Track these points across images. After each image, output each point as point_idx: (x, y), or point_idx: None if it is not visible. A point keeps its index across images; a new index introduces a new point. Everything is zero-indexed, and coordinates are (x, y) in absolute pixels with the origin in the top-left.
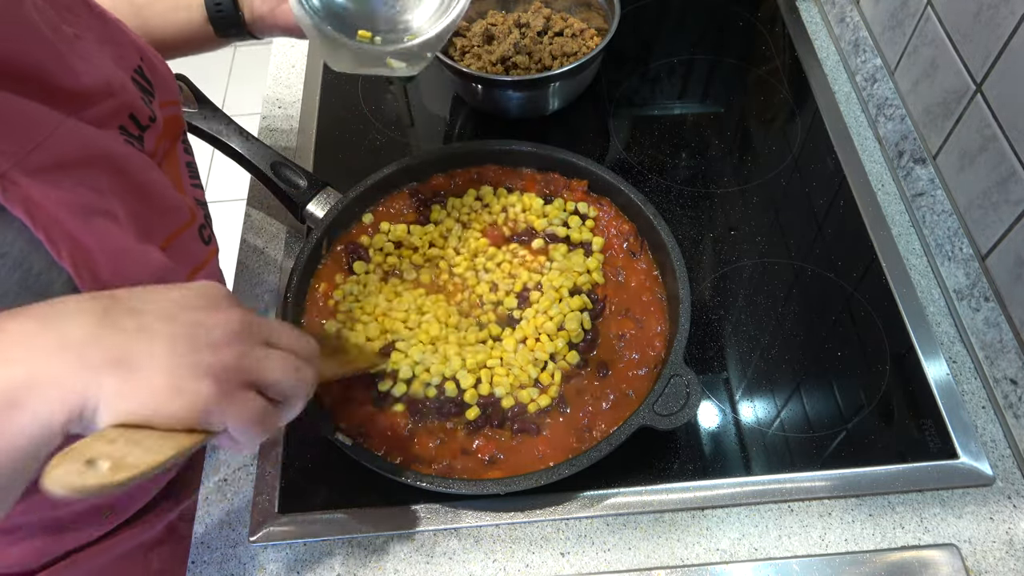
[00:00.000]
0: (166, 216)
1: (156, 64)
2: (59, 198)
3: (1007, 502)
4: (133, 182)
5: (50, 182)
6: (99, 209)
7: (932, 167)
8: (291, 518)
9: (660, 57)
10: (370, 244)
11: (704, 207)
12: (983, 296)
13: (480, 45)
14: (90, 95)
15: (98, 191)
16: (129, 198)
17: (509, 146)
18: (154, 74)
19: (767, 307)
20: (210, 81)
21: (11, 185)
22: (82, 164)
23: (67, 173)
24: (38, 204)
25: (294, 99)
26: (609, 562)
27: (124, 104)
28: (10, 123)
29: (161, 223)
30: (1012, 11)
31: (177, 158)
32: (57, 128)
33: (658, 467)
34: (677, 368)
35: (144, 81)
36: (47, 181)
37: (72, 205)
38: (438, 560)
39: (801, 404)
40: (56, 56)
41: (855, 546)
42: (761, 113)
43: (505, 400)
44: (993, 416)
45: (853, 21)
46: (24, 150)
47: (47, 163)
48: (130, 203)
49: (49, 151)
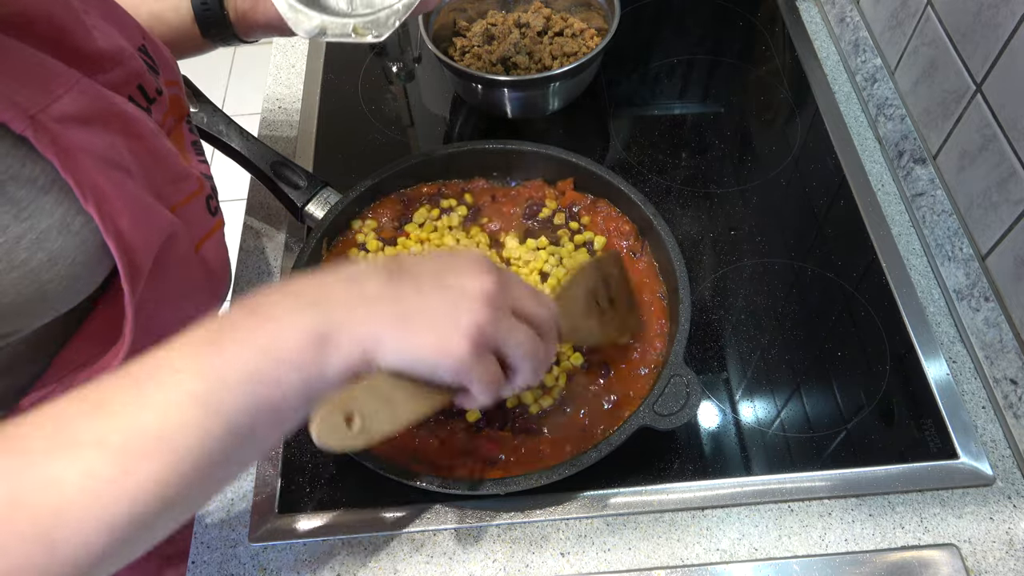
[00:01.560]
0: (176, 182)
1: (157, 46)
2: (82, 146)
3: (1007, 502)
4: (146, 146)
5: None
6: (116, 163)
7: (932, 167)
8: (291, 518)
9: (660, 57)
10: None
11: (704, 207)
12: (983, 296)
13: (480, 45)
14: (103, 60)
15: (115, 148)
16: (143, 159)
17: (507, 146)
18: (157, 54)
19: (767, 307)
20: (210, 81)
21: (41, 127)
22: (100, 121)
23: (87, 127)
24: (65, 148)
25: (294, 99)
26: (609, 562)
27: (133, 73)
28: (34, 74)
29: (171, 188)
30: (1012, 11)
31: (183, 136)
32: (76, 83)
33: (658, 467)
34: (677, 368)
35: (148, 58)
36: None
37: (94, 155)
38: (438, 560)
39: (801, 404)
40: (74, 18)
41: (855, 546)
42: (761, 113)
43: (508, 400)
44: (993, 416)
45: (853, 21)
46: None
47: (68, 114)
48: (144, 164)
49: (69, 104)
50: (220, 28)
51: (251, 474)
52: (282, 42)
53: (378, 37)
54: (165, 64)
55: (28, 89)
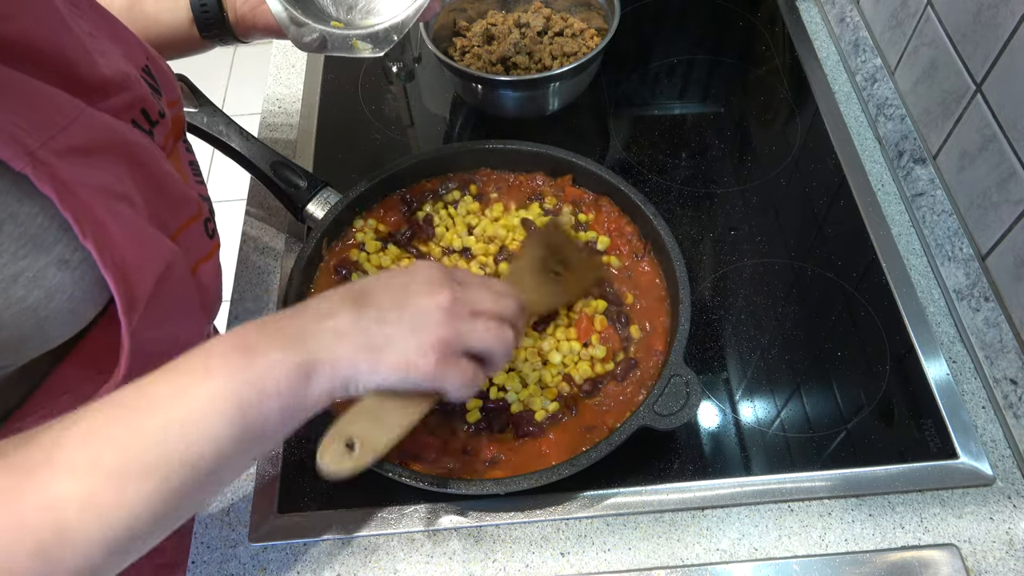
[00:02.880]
0: (177, 208)
1: (160, 65)
2: (83, 180)
3: (1007, 502)
4: (148, 173)
5: (74, 164)
6: (119, 194)
7: (932, 167)
8: (291, 518)
9: (660, 57)
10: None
11: (704, 207)
12: (983, 296)
13: (480, 45)
14: (107, 87)
15: (117, 178)
16: (144, 188)
17: (507, 146)
18: (160, 74)
19: (767, 307)
20: (210, 81)
21: (40, 164)
22: (102, 151)
23: (89, 158)
24: (65, 183)
25: (294, 99)
26: (609, 562)
27: (137, 98)
28: (37, 106)
29: (172, 214)
30: (1012, 11)
31: (180, 156)
32: (80, 115)
33: (658, 467)
34: (677, 368)
35: (151, 79)
36: (72, 163)
37: (95, 188)
38: (438, 560)
39: (801, 404)
40: (78, 46)
41: (855, 546)
42: (761, 113)
43: (514, 406)
44: (993, 416)
45: (853, 21)
46: (50, 133)
47: (71, 147)
48: (145, 192)
49: (72, 136)
50: (219, 30)
51: (251, 474)
52: (282, 42)
53: (377, 52)
54: (167, 84)
55: (30, 123)
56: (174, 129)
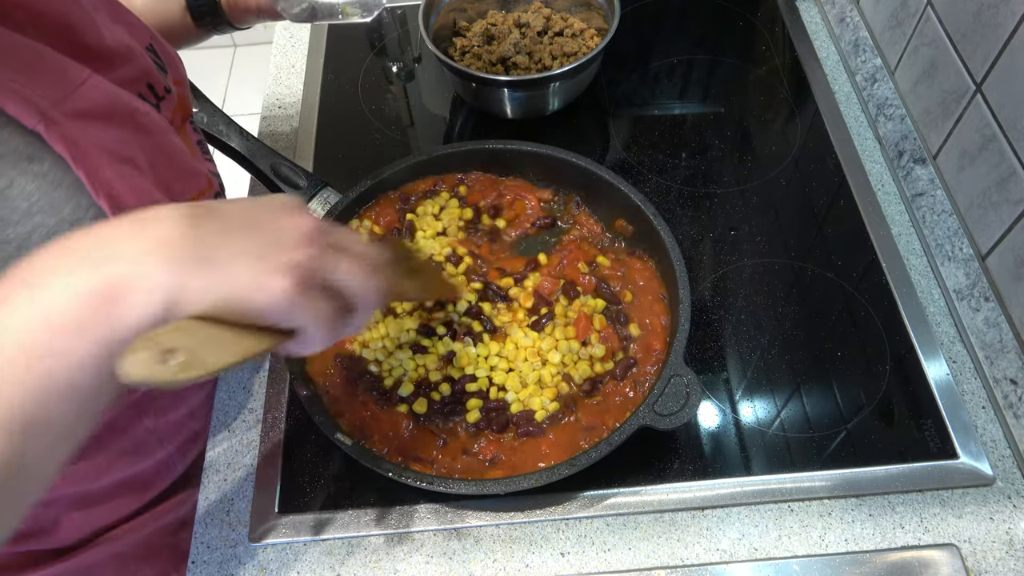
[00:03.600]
0: (186, 180)
1: (165, 46)
2: (93, 140)
3: (1007, 502)
4: (156, 143)
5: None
6: (124, 157)
7: (932, 167)
8: (291, 518)
9: (660, 57)
10: None
11: (704, 207)
12: (983, 296)
13: (480, 45)
14: (113, 57)
15: (123, 143)
16: (152, 155)
17: (507, 146)
18: (165, 54)
19: (767, 307)
20: (210, 81)
21: (52, 122)
22: (108, 117)
23: (97, 121)
24: (76, 143)
25: (294, 99)
26: (609, 562)
27: (142, 71)
28: (45, 71)
29: (181, 185)
30: (1012, 11)
31: (189, 135)
32: (87, 79)
33: (658, 467)
34: (677, 368)
35: (156, 58)
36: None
37: (104, 149)
38: (438, 560)
39: (801, 404)
40: (85, 16)
41: (855, 546)
42: (761, 113)
43: (514, 406)
44: (993, 416)
45: (853, 21)
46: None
47: (77, 110)
48: (153, 159)
49: (80, 101)
50: (212, 16)
51: (251, 474)
52: (282, 42)
53: (366, 17)
54: (173, 63)
55: (40, 85)
56: (180, 107)
